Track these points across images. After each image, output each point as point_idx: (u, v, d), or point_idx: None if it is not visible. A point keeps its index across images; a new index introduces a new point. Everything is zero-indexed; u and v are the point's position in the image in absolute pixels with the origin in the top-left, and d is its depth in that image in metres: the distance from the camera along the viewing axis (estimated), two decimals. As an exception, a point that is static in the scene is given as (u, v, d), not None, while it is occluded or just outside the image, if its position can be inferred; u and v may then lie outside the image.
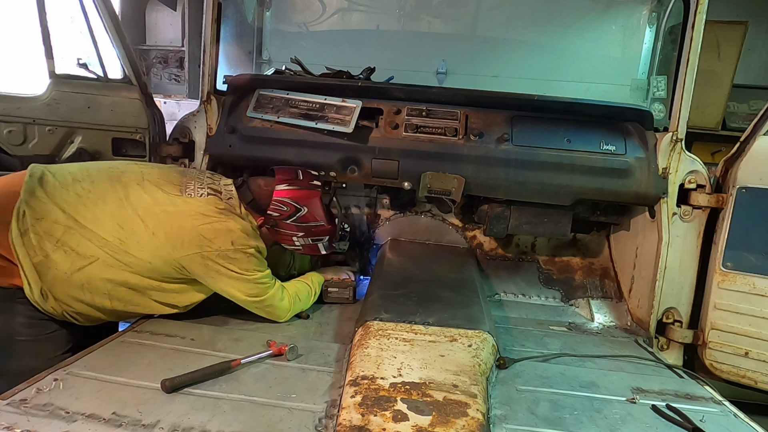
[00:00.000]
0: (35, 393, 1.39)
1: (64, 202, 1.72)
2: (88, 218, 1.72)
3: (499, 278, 2.74)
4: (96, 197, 1.76)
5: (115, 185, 1.80)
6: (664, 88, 3.21)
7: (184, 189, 1.88)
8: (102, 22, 2.33)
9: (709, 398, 1.71)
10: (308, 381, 1.59)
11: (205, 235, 1.80)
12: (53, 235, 1.68)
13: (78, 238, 1.70)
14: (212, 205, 1.87)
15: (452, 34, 3.73)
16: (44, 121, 2.33)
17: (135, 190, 1.80)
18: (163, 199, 1.81)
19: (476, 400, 1.39)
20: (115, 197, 1.77)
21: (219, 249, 1.81)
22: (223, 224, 1.84)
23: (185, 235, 1.78)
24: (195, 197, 1.87)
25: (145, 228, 1.76)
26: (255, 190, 2.04)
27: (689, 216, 2.24)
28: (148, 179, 1.86)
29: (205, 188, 1.92)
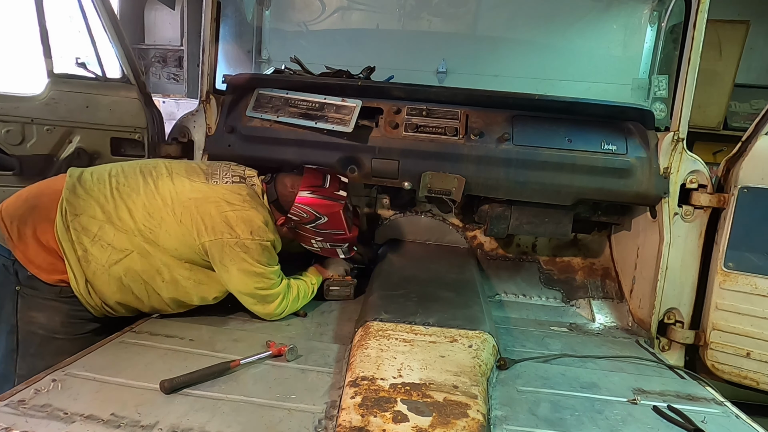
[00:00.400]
0: (33, 394, 1.39)
1: (101, 197, 1.83)
2: (123, 210, 1.82)
3: (499, 278, 2.74)
4: (130, 190, 1.87)
5: (147, 178, 1.91)
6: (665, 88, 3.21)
7: (210, 177, 1.98)
8: (100, 21, 2.34)
9: (711, 399, 1.71)
10: (308, 382, 1.59)
11: (228, 221, 1.87)
12: (90, 230, 1.78)
13: (113, 232, 1.80)
14: (237, 192, 1.94)
15: (453, 33, 3.73)
16: (42, 120, 2.33)
17: (164, 181, 1.91)
18: (189, 188, 1.91)
19: (477, 401, 1.39)
20: (147, 189, 1.88)
21: (238, 237, 1.87)
22: (246, 213, 1.91)
23: (209, 221, 1.86)
24: (221, 184, 1.96)
25: (173, 216, 1.85)
26: (281, 190, 2.09)
27: (690, 216, 2.24)
28: (176, 171, 1.96)
29: (230, 176, 2.00)
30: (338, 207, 2.11)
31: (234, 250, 1.87)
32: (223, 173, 2.01)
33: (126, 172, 1.92)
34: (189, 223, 1.85)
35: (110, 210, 1.82)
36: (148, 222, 1.83)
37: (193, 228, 1.85)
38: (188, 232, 1.85)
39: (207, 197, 1.89)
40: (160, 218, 1.84)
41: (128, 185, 1.88)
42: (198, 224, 1.86)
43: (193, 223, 1.85)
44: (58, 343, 1.75)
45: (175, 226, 1.85)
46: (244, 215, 1.90)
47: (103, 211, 1.81)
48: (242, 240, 1.87)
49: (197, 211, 1.86)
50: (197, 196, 1.89)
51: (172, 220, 1.85)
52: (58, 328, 1.78)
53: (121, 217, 1.81)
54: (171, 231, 1.84)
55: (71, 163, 2.36)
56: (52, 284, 1.76)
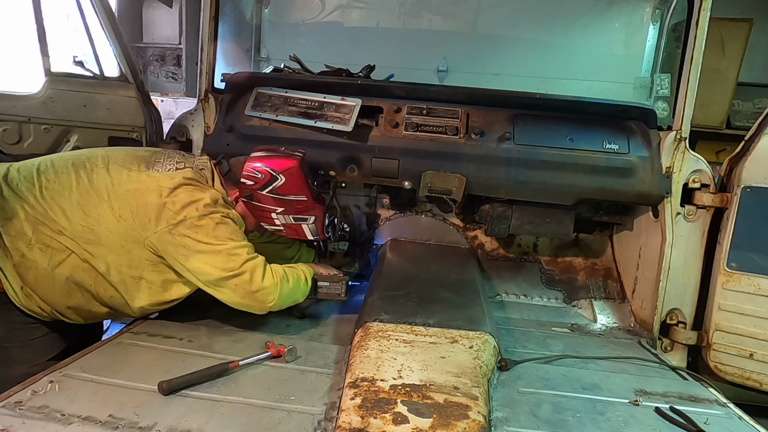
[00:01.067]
0: (30, 395, 1.39)
1: (30, 197, 1.66)
2: (56, 210, 1.66)
3: (500, 279, 2.73)
4: (61, 188, 1.69)
5: (79, 172, 1.73)
6: (667, 86, 3.21)
7: (152, 165, 1.79)
8: (98, 19, 2.34)
9: (714, 400, 1.71)
10: (307, 383, 1.59)
11: (170, 207, 1.69)
12: (26, 234, 1.63)
13: (50, 233, 1.65)
14: (180, 177, 1.76)
15: (453, 31, 3.73)
16: (40, 119, 2.32)
17: (99, 174, 1.73)
18: (127, 178, 1.73)
19: (477, 402, 1.39)
20: (80, 184, 1.70)
21: (184, 218, 1.68)
22: (189, 194, 1.73)
23: (152, 212, 1.69)
24: (162, 172, 1.77)
25: (111, 211, 1.69)
26: (233, 163, 1.98)
27: (693, 216, 2.24)
28: (113, 161, 1.77)
29: (174, 163, 1.82)
30: (294, 161, 1.93)
31: (184, 234, 1.67)
32: (167, 160, 1.82)
33: (56, 168, 1.73)
34: (129, 217, 1.68)
35: (42, 210, 1.65)
36: (85, 221, 1.66)
37: (136, 222, 1.68)
38: (131, 227, 1.68)
39: (147, 187, 1.71)
40: (97, 215, 1.67)
41: (59, 182, 1.70)
42: (140, 218, 1.68)
43: (134, 216, 1.68)
44: (9, 352, 1.66)
45: (115, 222, 1.68)
46: (186, 197, 1.71)
47: (35, 213, 1.65)
48: (189, 220, 1.68)
49: (136, 203, 1.68)
50: (136, 187, 1.70)
51: (110, 216, 1.68)
52: (4, 336, 1.67)
53: (55, 219, 1.65)
54: (111, 227, 1.68)
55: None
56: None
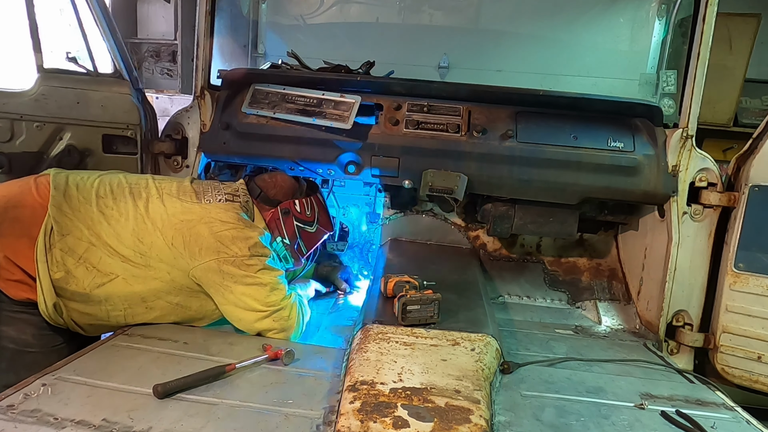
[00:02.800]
0: (23, 399, 1.38)
1: (88, 219, 1.79)
2: (111, 234, 1.79)
3: (503, 280, 2.73)
4: (118, 215, 1.83)
5: (137, 201, 1.87)
6: (674, 83, 3.20)
7: (202, 196, 1.94)
8: (92, 14, 2.33)
9: (721, 404, 1.71)
10: (305, 386, 1.59)
11: (222, 241, 1.82)
12: (76, 252, 1.75)
13: (99, 255, 1.77)
14: (231, 211, 1.91)
15: (455, 27, 3.72)
16: (32, 117, 2.32)
17: (154, 204, 1.87)
18: (180, 209, 1.87)
19: (479, 406, 1.39)
20: (137, 213, 1.84)
21: (235, 255, 1.82)
22: (241, 231, 1.87)
23: (203, 242, 1.81)
24: (213, 203, 1.92)
25: (163, 240, 1.81)
26: (261, 184, 2.12)
27: (700, 215, 2.24)
28: (167, 192, 1.92)
29: (222, 194, 1.97)
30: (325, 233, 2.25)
31: (232, 269, 1.82)
32: (214, 192, 1.97)
33: (115, 194, 1.88)
34: (181, 246, 1.81)
35: (97, 233, 1.78)
36: (138, 247, 1.79)
37: (185, 251, 1.81)
38: (180, 256, 1.81)
39: (199, 218, 1.85)
40: (150, 243, 1.80)
41: (117, 209, 1.84)
42: (190, 247, 1.81)
43: (185, 246, 1.81)
44: (32, 356, 1.73)
45: (167, 250, 1.81)
46: (239, 234, 1.85)
47: (91, 233, 1.78)
48: (240, 258, 1.82)
49: (189, 233, 1.82)
50: (189, 218, 1.85)
51: (162, 244, 1.81)
52: (30, 341, 1.76)
53: (109, 243, 1.78)
54: (162, 255, 1.81)
55: (62, 160, 2.36)
56: (20, 301, 1.73)
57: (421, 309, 1.85)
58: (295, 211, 2.14)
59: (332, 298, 2.53)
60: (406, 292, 1.88)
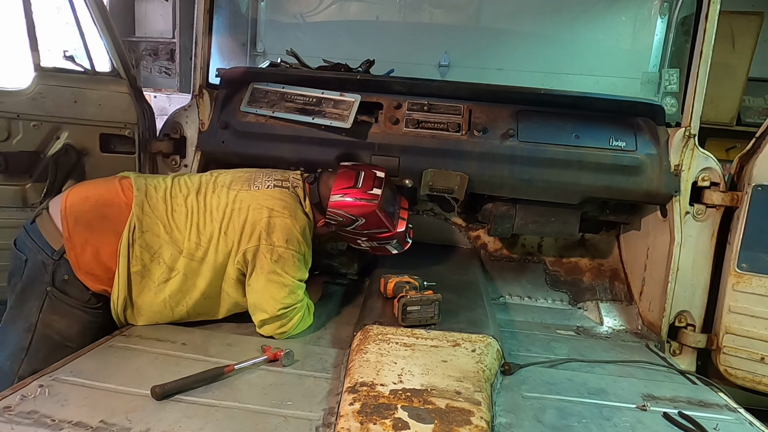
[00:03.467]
0: (20, 400, 1.38)
1: (164, 217, 1.93)
2: (176, 230, 1.92)
3: (504, 280, 2.73)
4: (186, 210, 1.95)
5: (198, 197, 1.99)
6: (676, 82, 3.21)
7: (252, 183, 2.03)
8: (89, 12, 2.33)
9: (724, 405, 1.71)
10: (305, 388, 1.59)
11: (267, 228, 1.91)
12: (153, 247, 1.89)
13: (170, 251, 1.90)
14: (277, 198, 1.98)
15: (455, 25, 3.72)
16: (29, 116, 2.32)
17: (210, 197, 1.99)
18: (232, 198, 1.97)
19: (480, 407, 1.39)
20: (197, 207, 1.96)
21: (273, 245, 1.90)
22: (285, 220, 1.94)
23: (249, 228, 1.92)
24: (262, 189, 2.00)
25: (219, 229, 1.93)
26: (323, 192, 2.10)
27: (702, 215, 2.24)
28: (220, 184, 2.03)
29: (271, 179, 2.05)
30: (372, 207, 2.05)
31: (266, 258, 1.90)
32: (264, 178, 2.06)
33: (183, 192, 2.00)
34: (232, 233, 1.92)
35: (170, 230, 1.91)
36: (198, 238, 1.91)
37: (235, 237, 1.92)
38: (231, 243, 1.92)
39: (248, 205, 1.94)
40: (209, 234, 1.92)
41: (184, 205, 1.96)
42: (239, 233, 1.91)
43: (235, 232, 1.92)
44: (69, 351, 1.76)
45: (222, 240, 1.92)
46: (282, 222, 1.93)
47: (165, 231, 1.91)
48: (276, 248, 1.90)
49: (239, 220, 1.92)
50: (238, 206, 1.95)
51: (217, 232, 1.92)
52: (73, 337, 1.84)
53: (177, 239, 1.91)
54: (218, 246, 1.92)
55: (59, 160, 2.36)
56: (96, 292, 1.86)
57: (421, 310, 1.86)
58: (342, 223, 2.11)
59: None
60: (407, 293, 1.89)
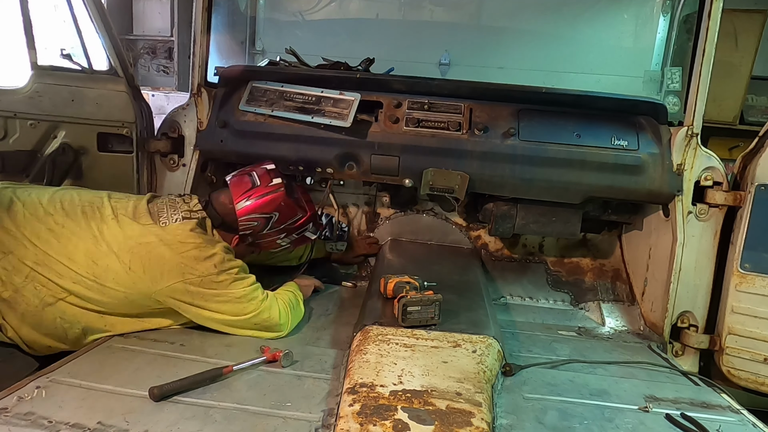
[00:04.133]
0: (16, 401, 1.38)
1: (34, 236, 1.74)
2: (61, 254, 1.74)
3: (505, 280, 2.73)
4: (69, 233, 1.77)
5: (90, 222, 1.81)
6: (678, 80, 3.21)
7: (157, 217, 1.88)
8: (87, 10, 2.33)
9: (727, 407, 1.71)
10: (304, 389, 1.59)
11: (186, 262, 1.81)
12: (21, 271, 1.70)
13: (48, 273, 1.72)
14: (188, 230, 1.87)
15: (456, 23, 3.73)
16: (26, 114, 2.32)
17: (110, 225, 1.82)
18: (138, 231, 1.82)
19: (481, 408, 1.39)
20: (90, 234, 1.79)
21: (202, 275, 1.81)
22: (203, 250, 1.84)
23: (165, 266, 1.79)
24: (170, 224, 1.87)
25: (120, 263, 1.77)
26: (220, 210, 2.01)
27: (705, 215, 2.24)
28: (122, 213, 1.86)
29: (179, 213, 1.92)
30: (280, 195, 2.03)
31: (201, 290, 1.82)
32: (170, 211, 1.92)
33: (66, 211, 1.82)
34: (140, 270, 1.77)
35: (45, 250, 1.73)
36: (92, 269, 1.75)
37: (146, 275, 1.78)
38: (140, 280, 1.78)
39: (159, 239, 1.81)
40: (105, 266, 1.76)
41: (67, 227, 1.78)
42: (152, 271, 1.78)
43: (144, 269, 1.78)
44: None
45: (124, 275, 1.76)
46: (200, 253, 1.83)
47: (37, 251, 1.72)
48: (208, 276, 1.82)
49: (149, 257, 1.78)
50: (147, 240, 1.81)
51: (119, 268, 1.76)
52: None
53: (59, 261, 1.73)
54: (119, 278, 1.76)
55: (56, 159, 2.36)
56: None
57: (421, 310, 1.85)
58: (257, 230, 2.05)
59: None
60: (407, 293, 1.88)
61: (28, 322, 1.72)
